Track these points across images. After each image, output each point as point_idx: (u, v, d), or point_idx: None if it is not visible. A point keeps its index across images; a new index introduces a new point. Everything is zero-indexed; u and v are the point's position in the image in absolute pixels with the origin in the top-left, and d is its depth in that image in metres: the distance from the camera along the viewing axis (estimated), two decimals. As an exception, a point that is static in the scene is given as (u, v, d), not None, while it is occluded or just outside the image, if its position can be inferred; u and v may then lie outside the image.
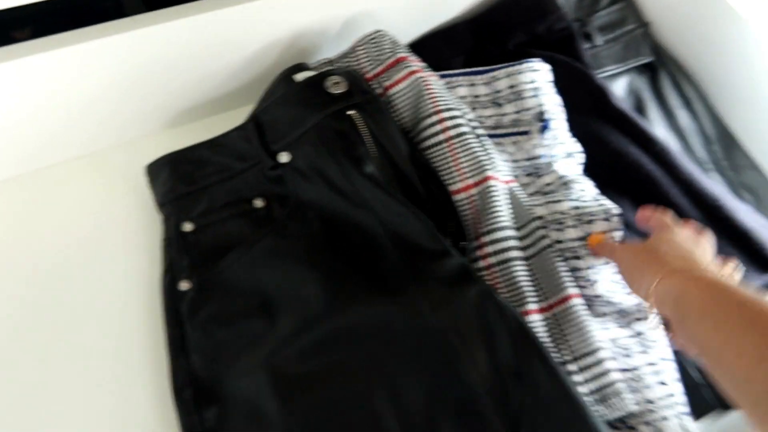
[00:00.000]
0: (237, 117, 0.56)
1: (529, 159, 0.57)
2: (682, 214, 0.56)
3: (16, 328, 0.50)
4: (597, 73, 0.67)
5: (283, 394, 0.43)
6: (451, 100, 0.54)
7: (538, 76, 0.58)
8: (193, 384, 0.45)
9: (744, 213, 0.55)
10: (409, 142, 0.52)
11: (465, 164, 0.52)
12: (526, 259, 0.52)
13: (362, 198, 0.47)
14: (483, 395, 0.41)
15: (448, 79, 0.61)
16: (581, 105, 0.62)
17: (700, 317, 0.36)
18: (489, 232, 0.51)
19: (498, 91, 0.60)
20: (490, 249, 0.50)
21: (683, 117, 0.67)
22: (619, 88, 0.69)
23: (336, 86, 0.51)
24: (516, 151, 0.58)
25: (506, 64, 0.59)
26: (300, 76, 0.53)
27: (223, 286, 0.48)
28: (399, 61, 0.55)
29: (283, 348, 0.45)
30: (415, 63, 0.56)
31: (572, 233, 0.53)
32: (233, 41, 0.54)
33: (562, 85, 0.62)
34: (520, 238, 0.52)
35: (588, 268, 0.52)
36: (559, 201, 0.54)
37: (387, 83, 0.55)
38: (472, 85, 0.61)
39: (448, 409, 0.41)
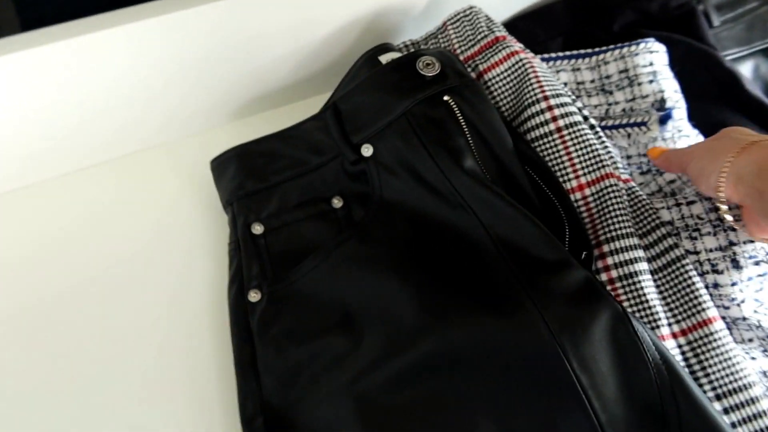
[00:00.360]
0: (311, 107, 0.51)
1: (645, 155, 0.49)
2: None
3: (68, 342, 0.45)
4: (723, 56, 0.58)
5: (371, 428, 0.37)
6: (559, 86, 0.47)
7: (656, 59, 0.50)
8: (265, 412, 0.39)
9: None
10: (515, 133, 0.44)
11: (579, 159, 0.44)
12: (658, 270, 0.43)
13: (461, 197, 0.40)
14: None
15: (548, 64, 0.53)
16: (707, 92, 0.53)
17: None
18: (610, 240, 0.42)
19: (608, 77, 0.52)
20: (611, 260, 0.42)
21: None
22: (744, 73, 0.59)
23: (429, 68, 0.44)
24: (630, 146, 0.50)
25: (616, 46, 0.51)
26: (386, 57, 0.46)
27: (298, 297, 0.42)
28: (497, 40, 0.48)
29: (370, 373, 0.38)
30: (516, 43, 0.48)
31: (711, 242, 0.44)
32: (306, 20, 0.48)
33: (682, 69, 0.53)
34: (651, 245, 0.44)
35: (732, 284, 0.43)
36: (691, 202, 0.45)
37: (483, 66, 0.48)
38: (576, 70, 0.53)
39: None
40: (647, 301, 0.41)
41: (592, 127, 0.46)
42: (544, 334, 0.36)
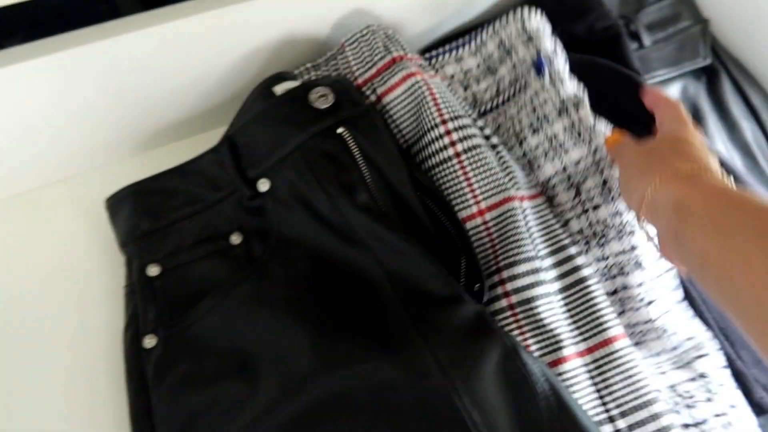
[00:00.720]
0: (217, 138, 0.49)
1: (534, 110, 0.48)
2: None
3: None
4: (647, 79, 0.57)
5: None
6: (458, 106, 0.46)
7: (528, 25, 0.51)
8: None
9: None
10: (411, 162, 0.44)
11: (479, 184, 0.44)
12: (562, 290, 0.43)
13: (356, 233, 0.40)
14: None
15: (432, 62, 0.54)
16: (630, 116, 0.52)
17: (702, 226, 0.32)
18: (509, 266, 0.42)
19: (489, 56, 0.52)
20: (510, 286, 0.42)
21: (748, 129, 0.58)
22: (672, 95, 0.59)
23: (322, 99, 0.43)
24: (517, 112, 0.49)
25: (489, 22, 0.52)
26: (280, 89, 0.45)
27: (194, 342, 0.41)
28: (394, 61, 0.47)
29: (267, 417, 0.38)
30: (415, 63, 0.48)
31: (616, 246, 0.45)
32: (208, 53, 0.47)
33: (607, 94, 0.53)
34: (554, 265, 0.43)
35: (639, 285, 0.44)
36: (596, 207, 0.45)
37: (381, 89, 0.47)
38: (460, 59, 0.53)
39: None
40: (545, 325, 0.41)
41: (493, 146, 0.46)
42: (434, 372, 0.36)
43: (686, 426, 0.41)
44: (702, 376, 0.43)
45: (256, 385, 0.39)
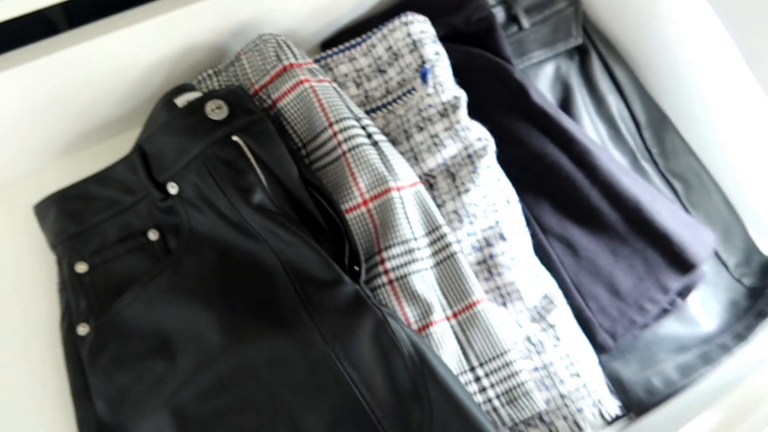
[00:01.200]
0: (131, 139, 0.55)
1: (419, 111, 0.56)
2: (602, 217, 0.55)
3: None
4: (524, 61, 0.64)
5: None
6: (343, 107, 0.53)
7: (412, 29, 0.57)
8: (100, 430, 0.46)
9: (665, 214, 0.54)
10: (302, 162, 0.50)
11: (362, 179, 0.51)
12: (435, 265, 0.51)
13: (253, 230, 0.47)
14: (382, 420, 0.42)
15: (327, 60, 0.60)
16: (501, 102, 0.60)
17: None
18: (388, 248, 0.50)
19: (379, 58, 0.59)
20: (389, 264, 0.50)
21: (613, 103, 0.65)
22: (546, 75, 0.66)
23: (217, 111, 0.49)
24: (405, 112, 0.57)
25: (378, 27, 0.58)
26: (181, 100, 0.51)
27: (121, 327, 0.48)
28: (285, 69, 0.53)
29: (184, 389, 0.45)
30: (304, 70, 0.54)
31: (483, 223, 0.54)
32: (119, 64, 0.52)
33: (480, 81, 0.60)
34: (429, 244, 0.52)
35: (503, 253, 0.53)
36: (467, 191, 0.53)
37: (275, 95, 0.53)
38: (353, 59, 0.60)
39: None
40: (419, 296, 0.49)
41: (375, 143, 0.53)
42: (319, 343, 0.44)
43: (536, 369, 0.51)
44: (552, 326, 0.52)
45: (175, 361, 0.46)
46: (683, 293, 0.54)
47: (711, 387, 0.50)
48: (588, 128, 0.64)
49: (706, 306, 0.57)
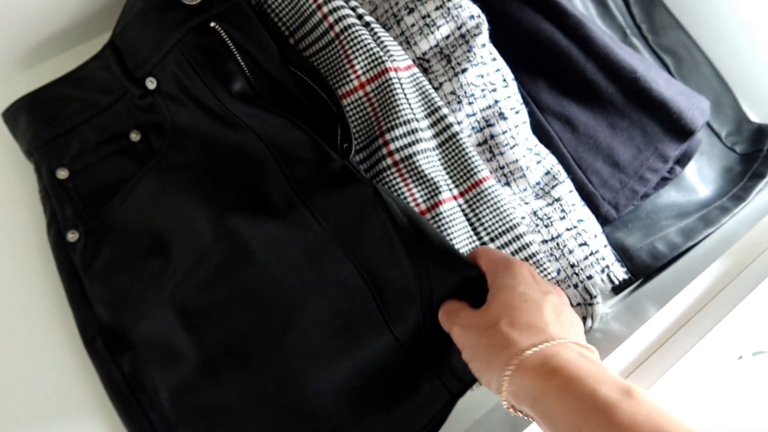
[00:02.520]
0: (101, 45, 0.51)
1: None
2: (598, 90, 0.55)
3: None
4: None
5: (192, 327, 0.44)
6: (330, -13, 0.50)
7: None
8: (103, 334, 0.45)
9: (661, 83, 0.54)
10: (287, 46, 0.48)
11: (357, 60, 0.49)
12: (438, 146, 0.51)
13: (236, 118, 0.45)
14: (383, 291, 0.42)
15: None
16: None
17: (564, 427, 0.30)
18: (391, 129, 0.49)
19: None
20: (393, 146, 0.49)
21: None
22: None
23: None
24: None
25: None
26: (156, -12, 0.47)
27: (112, 230, 0.46)
28: (263, -50, 0.50)
29: (184, 282, 0.45)
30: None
31: (482, 103, 0.53)
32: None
33: None
34: (430, 126, 0.51)
35: (503, 132, 0.52)
36: (464, 70, 0.52)
37: (257, -21, 0.50)
38: None
39: (347, 314, 0.42)
40: (426, 176, 0.49)
41: (367, 24, 0.51)
42: (312, 224, 0.43)
43: (545, 241, 0.51)
44: (557, 200, 0.52)
45: (171, 258, 0.45)
46: (682, 161, 0.55)
47: (713, 244, 0.51)
48: (577, 6, 0.63)
49: (701, 174, 0.59)
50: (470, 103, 0.53)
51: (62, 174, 0.47)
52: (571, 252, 0.51)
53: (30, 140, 0.48)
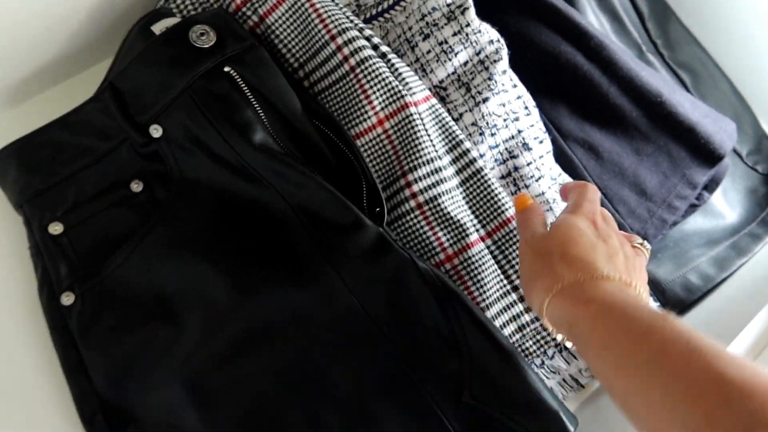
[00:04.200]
0: (96, 76, 0.47)
1: (422, 17, 0.51)
2: (623, 115, 0.54)
3: None
4: None
5: (203, 406, 0.41)
6: (343, 17, 0.47)
7: None
8: (104, 408, 0.41)
9: (687, 106, 0.53)
10: (303, 90, 0.45)
11: (376, 95, 0.47)
12: (461, 183, 0.49)
13: (256, 171, 0.42)
14: (417, 369, 0.40)
15: None
16: (506, 2, 0.56)
17: (597, 352, 0.32)
18: (414, 169, 0.47)
19: None
20: (417, 187, 0.47)
21: None
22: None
23: (203, 38, 0.43)
24: (406, 19, 0.52)
25: None
26: (159, 27, 0.44)
27: (114, 292, 0.43)
28: (271, -23, 0.47)
29: (197, 354, 0.41)
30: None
31: (505, 133, 0.52)
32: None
33: None
34: (453, 161, 0.48)
35: (528, 164, 0.51)
36: (486, 100, 0.51)
37: (263, 9, 0.48)
38: None
39: (383, 390, 0.40)
40: (452, 218, 0.47)
41: (383, 55, 0.48)
42: (343, 294, 0.41)
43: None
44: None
45: (181, 325, 0.42)
46: (709, 186, 0.54)
47: (750, 278, 0.50)
48: (592, 23, 0.61)
49: (727, 197, 0.58)
50: (492, 135, 0.51)
51: (56, 229, 0.44)
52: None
53: (20, 191, 0.44)
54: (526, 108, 0.53)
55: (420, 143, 0.47)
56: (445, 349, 0.41)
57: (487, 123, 0.51)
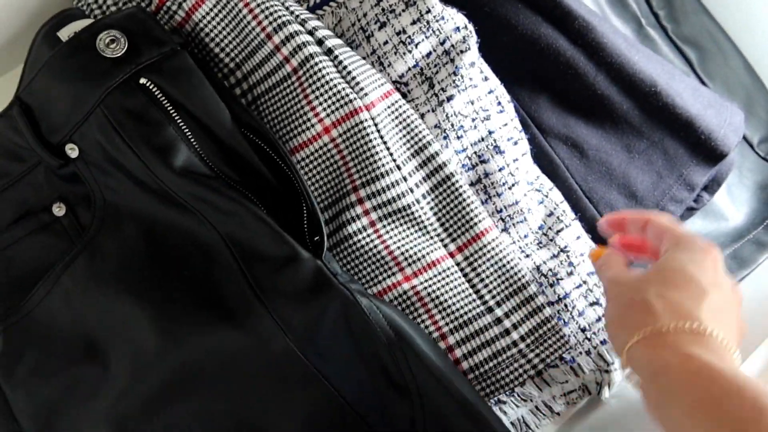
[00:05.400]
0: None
1: (377, 3, 0.46)
2: (612, 107, 0.48)
3: None
4: None
5: None
6: (280, 8, 0.42)
7: None
8: None
9: (686, 95, 0.47)
10: (236, 100, 0.41)
11: (319, 100, 0.42)
12: (430, 191, 0.44)
13: (180, 198, 0.39)
14: (366, 416, 0.38)
15: None
16: None
17: (686, 412, 0.30)
18: (367, 183, 0.42)
19: None
20: (370, 204, 0.43)
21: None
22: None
23: (113, 46, 0.38)
24: (360, 4, 0.46)
25: None
26: (67, 32, 0.40)
27: (36, 330, 0.41)
28: (195, -34, 0.41)
29: (123, 399, 0.39)
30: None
31: (473, 135, 0.47)
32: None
33: None
34: (419, 167, 0.44)
35: (500, 169, 0.47)
36: (451, 98, 0.45)
37: (188, 4, 0.42)
38: None
39: None
40: (413, 234, 0.43)
41: (330, 51, 0.43)
42: (278, 336, 0.38)
43: (551, 303, 0.45)
44: (563, 250, 0.46)
45: (108, 367, 0.40)
46: (710, 187, 0.49)
47: (753, 295, 0.45)
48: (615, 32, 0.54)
49: (732, 194, 0.52)
50: (459, 138, 0.46)
51: (-33, 262, 0.41)
52: (581, 314, 0.45)
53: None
54: (499, 104, 0.47)
55: (373, 154, 0.42)
56: (394, 395, 0.38)
57: (452, 125, 0.46)
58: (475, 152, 0.46)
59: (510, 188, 0.46)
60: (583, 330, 0.45)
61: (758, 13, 0.55)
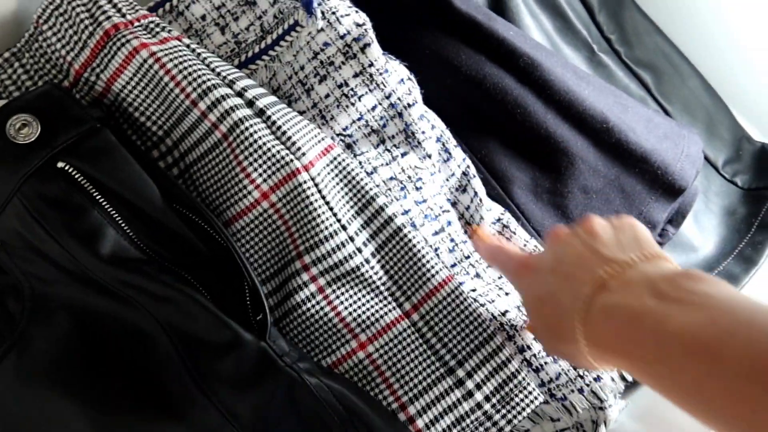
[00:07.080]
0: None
1: (314, 56, 0.45)
2: (566, 145, 0.47)
3: None
4: None
5: None
6: (205, 72, 0.41)
7: None
8: None
9: (639, 129, 0.47)
10: (163, 174, 0.40)
11: (253, 166, 0.41)
12: (378, 249, 0.43)
13: (112, 287, 0.37)
14: None
15: (174, 2, 0.47)
16: (414, 17, 0.49)
17: (685, 353, 0.26)
18: (311, 249, 0.41)
19: None
20: (316, 270, 0.41)
21: None
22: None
23: (25, 130, 0.37)
24: (295, 57, 0.46)
25: None
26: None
27: None
28: (108, 35, 0.40)
29: None
30: (137, 30, 0.41)
31: (432, 189, 0.46)
32: None
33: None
34: (365, 224, 0.43)
35: (464, 212, 0.47)
36: (405, 154, 0.45)
37: (106, 75, 0.41)
38: None
39: None
40: (361, 297, 0.42)
41: (262, 112, 0.42)
42: (225, 428, 0.37)
43: (518, 353, 0.44)
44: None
45: None
46: (675, 220, 0.48)
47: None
48: (529, 26, 0.54)
49: (699, 223, 0.52)
50: (418, 189, 0.45)
51: None
52: (546, 363, 0.44)
53: None
54: (447, 151, 0.46)
55: (315, 217, 0.41)
56: None
57: (410, 177, 0.45)
58: (435, 203, 0.46)
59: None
60: (551, 380, 0.44)
61: (714, 29, 0.55)
